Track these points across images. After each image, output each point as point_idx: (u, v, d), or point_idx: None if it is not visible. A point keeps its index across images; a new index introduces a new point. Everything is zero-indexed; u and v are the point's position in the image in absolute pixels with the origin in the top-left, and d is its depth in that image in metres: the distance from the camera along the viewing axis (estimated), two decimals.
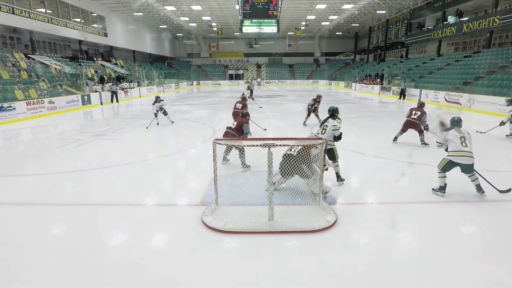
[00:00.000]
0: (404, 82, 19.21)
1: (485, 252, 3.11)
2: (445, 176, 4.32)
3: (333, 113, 4.91)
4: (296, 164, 3.96)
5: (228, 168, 5.40)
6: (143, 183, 5.12)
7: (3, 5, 15.53)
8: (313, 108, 10.16)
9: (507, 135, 8.45)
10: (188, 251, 3.18)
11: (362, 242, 3.32)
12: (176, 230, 3.62)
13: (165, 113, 10.37)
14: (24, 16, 16.88)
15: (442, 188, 4.35)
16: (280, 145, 3.49)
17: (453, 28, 20.68)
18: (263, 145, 3.47)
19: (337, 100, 20.20)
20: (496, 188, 4.26)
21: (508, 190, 4.26)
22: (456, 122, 4.35)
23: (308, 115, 10.24)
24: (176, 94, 26.80)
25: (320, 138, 3.77)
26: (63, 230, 3.68)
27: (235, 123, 5.66)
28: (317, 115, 10.18)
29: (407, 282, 2.70)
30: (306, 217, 3.63)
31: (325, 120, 4.86)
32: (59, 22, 19.77)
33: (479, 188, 4.25)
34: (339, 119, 4.95)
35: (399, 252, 3.19)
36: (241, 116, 5.92)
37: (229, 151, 5.56)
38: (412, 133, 8.89)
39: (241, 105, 7.86)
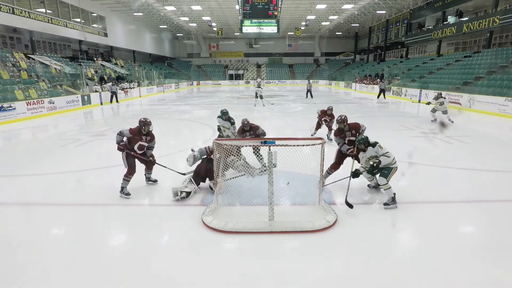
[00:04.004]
0: (383, 82, 20.61)
1: (484, 252, 3.11)
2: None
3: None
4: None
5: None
6: (143, 183, 5.12)
7: (3, 5, 15.52)
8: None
9: (432, 120, 10.32)
10: (188, 251, 3.18)
11: (362, 242, 3.32)
12: (176, 230, 3.62)
13: None
14: (24, 16, 16.87)
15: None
16: (280, 145, 3.49)
17: (453, 28, 20.68)
18: (263, 145, 3.47)
19: (337, 100, 20.21)
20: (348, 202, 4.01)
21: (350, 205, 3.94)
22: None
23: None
24: (176, 94, 26.80)
25: (320, 138, 3.75)
26: (63, 230, 3.68)
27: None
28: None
29: (407, 282, 2.70)
30: (306, 217, 3.62)
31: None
32: (59, 22, 19.77)
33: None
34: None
35: (399, 252, 3.19)
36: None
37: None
38: (412, 133, 8.92)
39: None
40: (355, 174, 4.13)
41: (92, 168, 5.86)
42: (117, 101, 18.19)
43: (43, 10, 18.71)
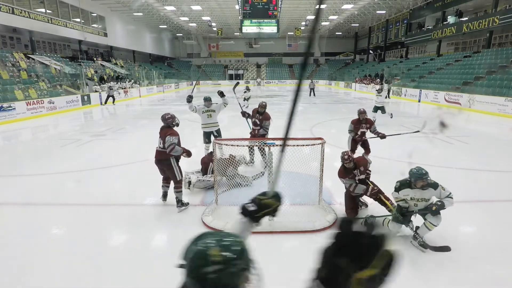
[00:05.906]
0: (382, 84, 21.13)
1: (484, 252, 3.11)
2: None
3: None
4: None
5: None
6: (143, 183, 5.11)
7: (3, 5, 15.51)
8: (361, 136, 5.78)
9: (374, 119, 9.48)
10: None
11: None
12: (176, 230, 3.61)
13: None
14: (24, 16, 16.87)
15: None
16: (280, 145, 3.49)
17: (453, 28, 20.68)
18: (263, 145, 3.48)
19: (337, 100, 20.21)
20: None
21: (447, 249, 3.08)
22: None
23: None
24: (176, 94, 26.80)
25: (320, 138, 3.75)
26: (63, 230, 3.68)
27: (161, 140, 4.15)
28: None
29: (407, 282, 2.70)
30: (307, 217, 3.62)
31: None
32: (59, 22, 19.76)
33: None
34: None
35: (399, 252, 3.18)
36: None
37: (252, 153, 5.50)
38: (411, 134, 8.90)
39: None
40: (404, 216, 3.29)
41: (92, 168, 5.86)
42: (107, 102, 17.83)
43: (43, 10, 18.70)
